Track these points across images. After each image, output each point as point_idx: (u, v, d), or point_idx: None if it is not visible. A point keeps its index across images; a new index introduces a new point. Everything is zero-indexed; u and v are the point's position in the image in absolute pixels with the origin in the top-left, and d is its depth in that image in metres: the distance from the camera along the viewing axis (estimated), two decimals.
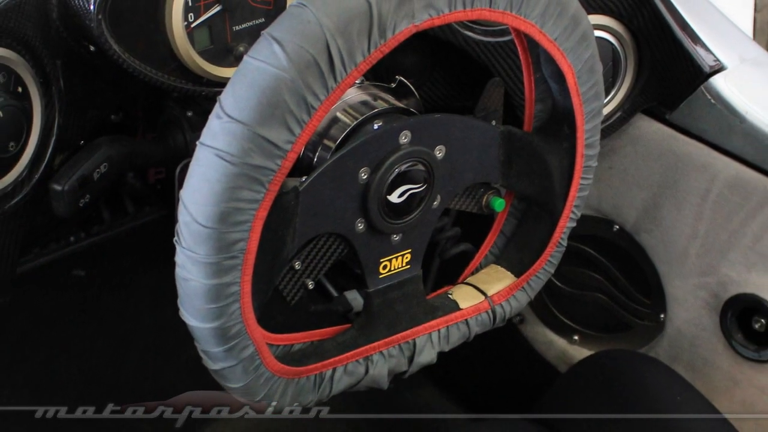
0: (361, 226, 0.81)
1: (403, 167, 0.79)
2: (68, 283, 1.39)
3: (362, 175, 0.78)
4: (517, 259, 0.96)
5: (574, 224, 0.96)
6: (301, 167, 0.82)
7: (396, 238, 0.84)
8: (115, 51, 0.85)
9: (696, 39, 1.13)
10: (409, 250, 0.86)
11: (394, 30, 0.70)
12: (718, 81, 1.12)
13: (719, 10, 1.22)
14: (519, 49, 0.88)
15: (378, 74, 0.96)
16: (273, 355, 0.79)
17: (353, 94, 0.85)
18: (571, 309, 1.37)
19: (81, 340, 1.43)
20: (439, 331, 0.90)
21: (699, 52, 1.12)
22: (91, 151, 0.89)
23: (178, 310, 0.74)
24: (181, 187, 0.70)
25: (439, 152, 0.82)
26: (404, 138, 0.79)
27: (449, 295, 0.92)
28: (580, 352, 1.35)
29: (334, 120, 0.82)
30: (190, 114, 0.99)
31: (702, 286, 1.18)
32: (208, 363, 0.77)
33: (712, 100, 1.12)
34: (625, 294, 1.29)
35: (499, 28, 1.04)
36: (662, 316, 1.24)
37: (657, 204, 1.21)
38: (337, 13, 0.67)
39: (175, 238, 0.71)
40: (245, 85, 0.67)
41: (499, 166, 0.89)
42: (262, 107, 0.67)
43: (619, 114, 1.17)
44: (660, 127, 1.18)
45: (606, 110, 1.15)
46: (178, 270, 0.72)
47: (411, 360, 0.89)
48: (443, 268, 1.28)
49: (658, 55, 1.13)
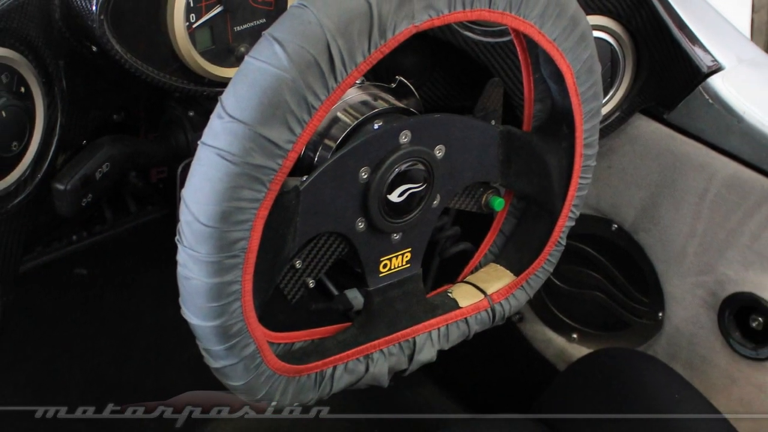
0: (361, 225, 0.81)
1: (403, 167, 0.79)
2: (70, 282, 1.39)
3: (362, 174, 0.78)
4: (516, 258, 0.96)
5: (573, 223, 0.96)
6: (302, 167, 0.82)
7: (396, 237, 0.84)
8: (117, 51, 0.85)
9: (694, 39, 1.13)
10: (409, 249, 0.86)
11: (395, 30, 0.70)
12: (715, 81, 1.12)
13: (717, 11, 1.22)
14: (518, 50, 0.88)
15: (378, 74, 0.96)
16: (274, 354, 0.79)
17: (353, 94, 0.85)
18: (569, 307, 1.37)
19: (83, 339, 1.43)
20: (439, 329, 0.90)
21: (697, 52, 1.12)
22: (94, 151, 0.90)
23: (179, 308, 0.74)
24: (182, 186, 0.70)
25: (439, 152, 0.82)
26: (404, 138, 0.79)
27: (449, 294, 0.92)
28: (579, 351, 1.35)
29: (335, 120, 0.82)
30: (191, 114, 0.99)
31: (700, 285, 1.18)
32: (210, 361, 0.77)
33: (710, 100, 1.12)
34: (624, 292, 1.29)
35: (498, 28, 1.04)
36: (660, 315, 1.24)
37: (655, 203, 1.20)
38: (338, 13, 0.68)
39: (177, 237, 0.71)
40: (246, 85, 0.67)
41: (499, 166, 0.89)
42: (263, 107, 0.67)
43: (617, 114, 1.17)
44: (658, 127, 1.18)
45: (604, 110, 1.15)
46: (179, 269, 0.72)
47: (411, 358, 0.89)
48: (443, 266, 1.28)
49: (656, 56, 1.13)
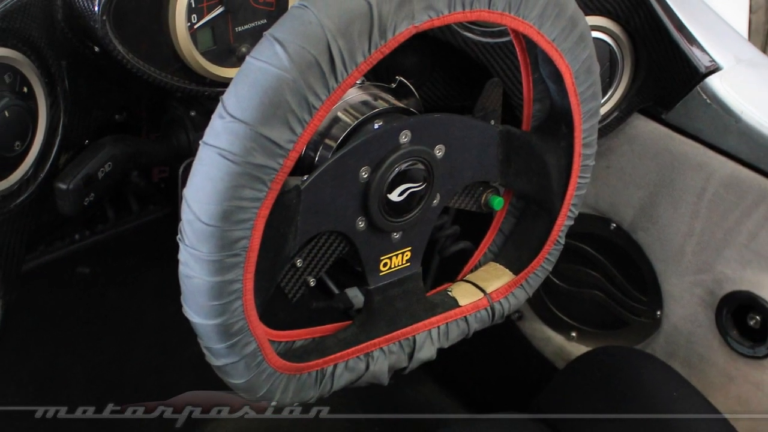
0: (361, 224, 0.81)
1: (403, 166, 0.80)
2: (73, 281, 1.39)
3: (363, 174, 0.78)
4: (515, 257, 0.96)
5: (572, 222, 0.96)
6: (303, 166, 0.83)
7: (396, 236, 0.84)
8: (119, 52, 0.85)
9: (692, 40, 1.13)
10: (409, 248, 0.86)
11: (395, 31, 0.70)
12: (713, 81, 1.12)
13: (715, 12, 1.22)
14: (517, 50, 0.88)
15: (378, 74, 0.97)
16: (275, 352, 0.79)
17: (354, 94, 0.85)
18: (568, 306, 1.37)
19: (85, 337, 1.43)
20: (439, 327, 0.90)
21: (695, 52, 1.12)
22: (96, 151, 0.90)
23: (181, 307, 0.74)
24: (184, 185, 0.70)
25: (439, 151, 0.82)
26: (404, 137, 0.79)
27: (449, 293, 0.93)
28: (578, 349, 1.35)
29: (335, 119, 0.83)
30: (193, 114, 0.99)
31: (698, 284, 1.18)
32: (211, 359, 0.77)
33: (708, 100, 1.12)
34: (622, 291, 1.30)
35: (497, 29, 1.04)
36: (659, 313, 1.25)
37: (653, 202, 1.21)
38: (338, 14, 0.68)
39: (179, 236, 0.71)
40: (247, 85, 0.67)
41: (498, 165, 0.89)
42: (264, 107, 0.67)
43: (616, 114, 1.17)
44: (656, 127, 1.18)
45: (603, 110, 1.15)
46: (181, 267, 0.72)
47: (411, 356, 0.89)
48: (443, 265, 1.29)
49: (654, 56, 1.14)
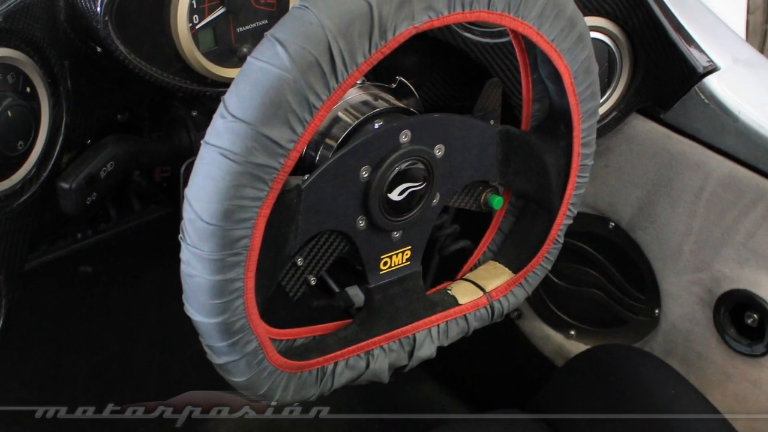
0: (362, 224, 0.81)
1: (403, 166, 0.80)
2: (75, 280, 1.39)
3: (363, 173, 0.78)
4: (514, 256, 0.97)
5: (571, 221, 0.96)
6: (304, 166, 0.83)
7: (396, 235, 0.84)
8: (122, 52, 0.86)
9: (690, 40, 1.13)
10: (409, 247, 0.86)
11: (395, 31, 0.71)
12: (711, 81, 1.12)
13: (713, 12, 1.22)
14: (517, 50, 0.88)
15: (379, 74, 0.97)
16: (276, 350, 0.80)
17: (354, 94, 0.85)
18: (567, 304, 1.37)
19: (88, 336, 1.43)
20: (439, 326, 0.90)
21: (693, 53, 1.12)
22: (98, 150, 0.90)
23: (183, 305, 0.75)
24: (186, 185, 0.70)
25: (439, 151, 0.82)
26: (404, 137, 0.79)
27: (448, 291, 0.93)
28: (577, 347, 1.35)
29: (336, 119, 0.83)
30: (194, 114, 0.99)
31: (696, 282, 1.19)
32: (213, 357, 0.77)
33: (706, 100, 1.12)
34: (621, 290, 1.30)
35: (497, 29, 1.05)
36: (657, 312, 1.25)
37: (652, 202, 1.21)
38: (339, 14, 0.68)
39: (180, 235, 0.72)
40: (249, 86, 0.68)
41: (498, 165, 0.89)
42: (265, 107, 0.67)
43: (614, 113, 1.17)
44: (655, 127, 1.18)
45: (602, 110, 1.15)
46: (183, 266, 0.72)
47: (411, 354, 0.89)
48: (442, 264, 1.30)
49: (652, 56, 1.14)
